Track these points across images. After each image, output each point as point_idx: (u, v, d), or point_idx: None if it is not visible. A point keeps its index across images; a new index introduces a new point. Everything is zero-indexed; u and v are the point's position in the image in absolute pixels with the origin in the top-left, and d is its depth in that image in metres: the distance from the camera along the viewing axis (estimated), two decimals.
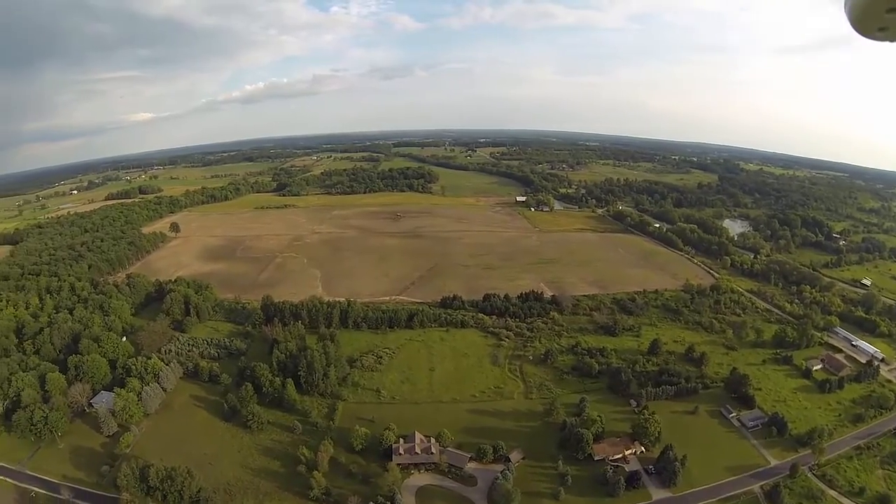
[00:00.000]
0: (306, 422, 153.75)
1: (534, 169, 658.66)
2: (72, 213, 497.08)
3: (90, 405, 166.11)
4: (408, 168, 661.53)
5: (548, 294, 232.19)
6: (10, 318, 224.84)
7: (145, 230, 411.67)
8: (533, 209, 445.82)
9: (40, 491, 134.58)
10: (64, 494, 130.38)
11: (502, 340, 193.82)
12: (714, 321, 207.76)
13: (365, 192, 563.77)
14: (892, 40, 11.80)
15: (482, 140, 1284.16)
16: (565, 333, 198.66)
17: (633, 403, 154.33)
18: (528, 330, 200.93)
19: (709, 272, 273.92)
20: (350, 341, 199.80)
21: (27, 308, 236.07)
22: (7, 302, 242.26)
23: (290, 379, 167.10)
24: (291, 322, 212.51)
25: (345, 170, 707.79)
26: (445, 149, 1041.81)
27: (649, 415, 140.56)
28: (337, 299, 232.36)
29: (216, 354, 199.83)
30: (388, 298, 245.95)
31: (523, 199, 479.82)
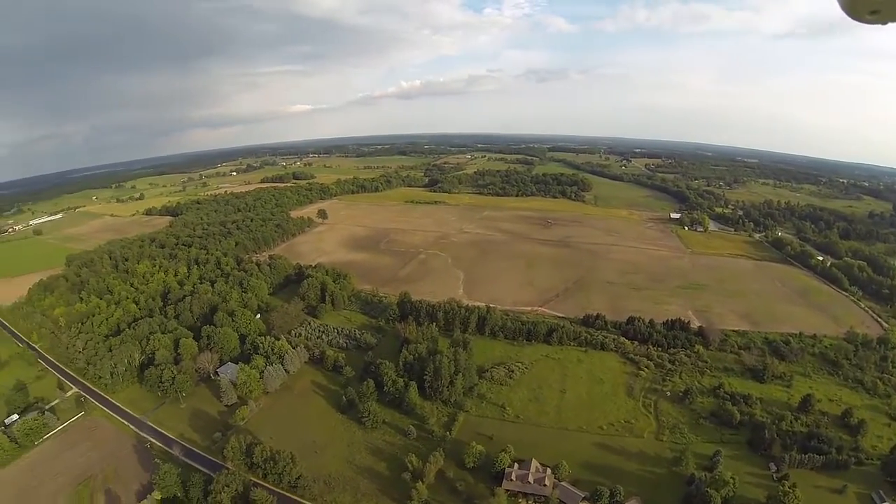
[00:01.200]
0: (422, 428, 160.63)
1: (689, 184, 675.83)
2: (228, 192, 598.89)
3: (216, 373, 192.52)
4: (562, 174, 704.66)
5: (694, 324, 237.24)
6: (160, 282, 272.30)
7: (294, 214, 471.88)
8: (686, 228, 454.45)
9: (156, 443, 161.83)
10: (175, 451, 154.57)
11: (641, 370, 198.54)
12: (879, 381, 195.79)
13: (517, 196, 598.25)
14: (883, 23, 13.19)
15: (637, 150, 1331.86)
16: (708, 371, 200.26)
17: (773, 468, 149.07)
18: (669, 362, 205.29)
19: (877, 320, 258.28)
20: (483, 350, 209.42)
21: (175, 276, 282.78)
22: (159, 268, 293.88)
23: (413, 382, 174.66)
24: (426, 323, 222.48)
25: (498, 171, 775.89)
26: (600, 157, 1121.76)
27: (790, 487, 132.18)
28: (476, 304, 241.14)
29: (344, 345, 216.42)
30: (529, 309, 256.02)
31: (677, 215, 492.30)
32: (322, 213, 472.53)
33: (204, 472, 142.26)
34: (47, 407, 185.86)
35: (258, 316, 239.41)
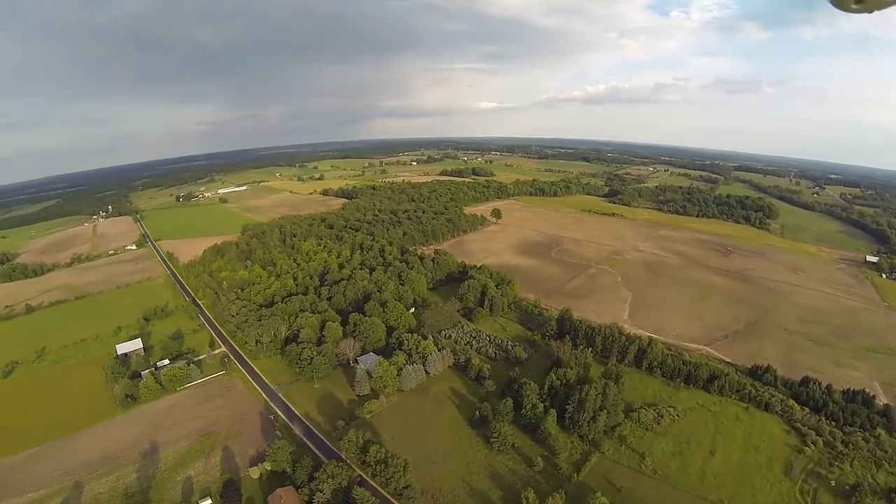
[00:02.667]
0: (550, 461, 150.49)
1: (892, 222, 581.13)
2: (405, 181, 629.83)
3: (355, 361, 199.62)
4: (746, 197, 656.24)
5: (881, 401, 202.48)
6: (321, 262, 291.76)
7: (467, 210, 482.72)
8: (884, 276, 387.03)
9: (281, 415, 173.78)
10: (296, 428, 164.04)
11: (806, 446, 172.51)
12: None
13: (697, 216, 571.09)
14: (869, 11, 13.39)
15: (832, 176, 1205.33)
16: (887, 465, 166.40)
17: None
18: (842, 443, 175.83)
19: None
20: (636, 385, 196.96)
21: (337, 257, 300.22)
22: (323, 247, 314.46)
23: (554, 409, 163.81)
24: (582, 346, 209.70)
25: (680, 187, 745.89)
26: (790, 181, 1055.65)
27: None
28: (639, 332, 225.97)
29: (493, 355, 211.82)
30: (693, 347, 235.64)
31: (874, 259, 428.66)
32: (496, 213, 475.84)
33: (316, 456, 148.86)
34: (195, 359, 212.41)
35: (411, 310, 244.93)
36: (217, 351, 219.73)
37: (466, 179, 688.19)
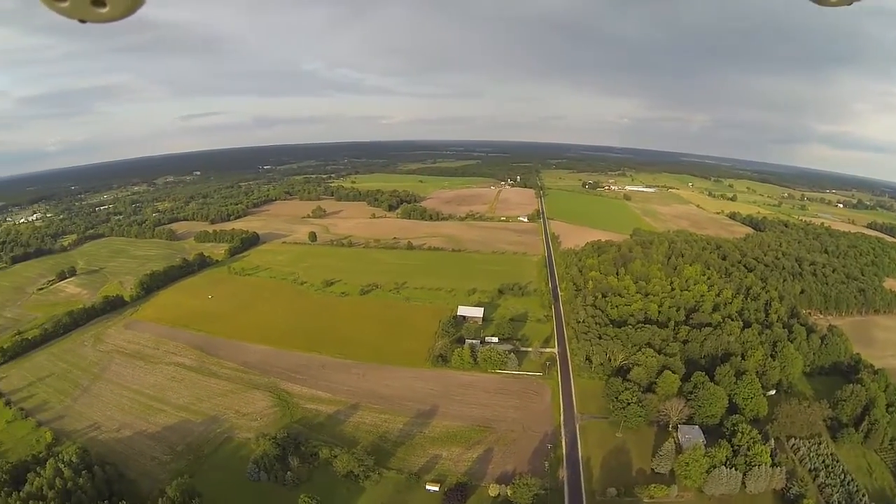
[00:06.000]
0: None
1: None
2: (824, 224, 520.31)
3: (674, 427, 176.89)
4: None
5: None
6: (697, 295, 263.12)
7: (887, 284, 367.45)
8: None
9: (562, 448, 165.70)
10: (564, 470, 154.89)
11: None
12: None
13: None
14: (849, 3, 13.02)
15: None
16: None
17: None
18: None
19: None
20: None
21: (717, 296, 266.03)
22: (706, 280, 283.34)
23: None
24: None
25: None
26: None
27: None
28: None
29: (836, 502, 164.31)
30: None
31: None
32: None
33: None
34: (522, 349, 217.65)
35: (770, 393, 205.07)
36: (546, 351, 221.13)
37: None
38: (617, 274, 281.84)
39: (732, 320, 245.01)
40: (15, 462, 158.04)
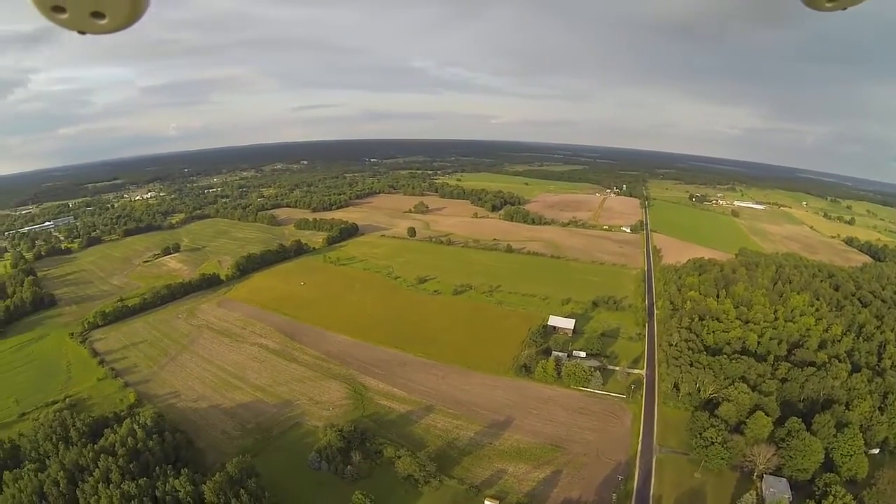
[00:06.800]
0: None
1: None
2: None
3: (759, 476, 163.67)
4: None
5: None
6: (802, 329, 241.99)
7: None
8: None
9: (633, 483, 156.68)
10: None
11: None
12: None
13: None
14: (843, 8, 13.10)
15: None
16: None
17: None
18: None
19: None
20: None
21: (824, 331, 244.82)
22: (815, 311, 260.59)
23: None
24: None
25: None
26: None
27: None
28: None
29: None
30: None
31: None
32: None
33: None
34: (608, 367, 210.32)
35: (874, 451, 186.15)
36: (634, 372, 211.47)
37: None
38: (717, 296, 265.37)
39: (840, 361, 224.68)
40: (97, 416, 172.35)
